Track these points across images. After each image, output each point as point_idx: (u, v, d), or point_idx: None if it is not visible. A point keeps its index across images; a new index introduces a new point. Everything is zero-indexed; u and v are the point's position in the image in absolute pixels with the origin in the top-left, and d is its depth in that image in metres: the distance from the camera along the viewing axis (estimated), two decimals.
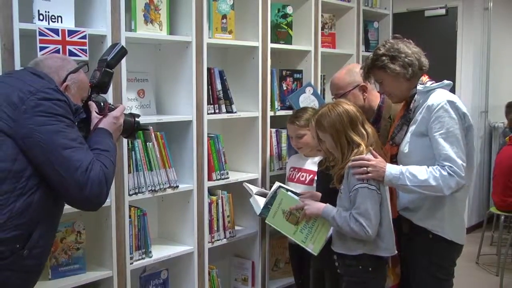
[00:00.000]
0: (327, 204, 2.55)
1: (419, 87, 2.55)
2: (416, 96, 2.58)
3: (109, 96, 2.64)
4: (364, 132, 2.53)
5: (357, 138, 2.50)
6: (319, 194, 2.80)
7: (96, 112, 2.10)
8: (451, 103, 2.42)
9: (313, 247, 2.58)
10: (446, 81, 2.55)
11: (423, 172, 2.40)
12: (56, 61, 2.06)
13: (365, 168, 2.43)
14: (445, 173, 2.37)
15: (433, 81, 2.58)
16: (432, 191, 2.40)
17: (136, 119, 2.29)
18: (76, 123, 1.95)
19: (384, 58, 2.57)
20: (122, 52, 2.23)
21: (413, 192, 2.47)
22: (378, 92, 2.94)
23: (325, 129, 2.54)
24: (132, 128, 2.27)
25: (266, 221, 2.68)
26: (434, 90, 2.51)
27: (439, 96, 2.46)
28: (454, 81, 6.20)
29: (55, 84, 1.94)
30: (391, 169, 2.44)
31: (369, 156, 2.47)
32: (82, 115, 2.01)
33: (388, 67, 2.56)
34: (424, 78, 2.60)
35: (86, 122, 2.06)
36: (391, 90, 2.65)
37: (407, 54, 2.55)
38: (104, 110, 2.12)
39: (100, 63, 2.21)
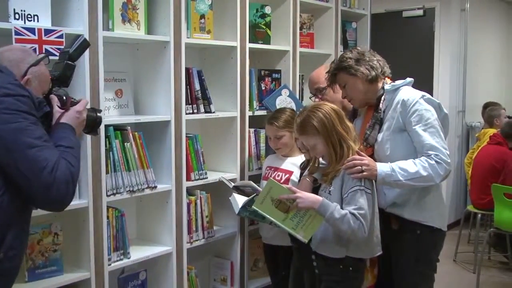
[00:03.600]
0: (323, 198, 2.44)
1: (387, 86, 2.66)
2: (384, 96, 2.66)
3: (87, 96, 2.62)
4: (350, 126, 2.54)
5: (345, 134, 2.49)
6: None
7: (58, 106, 2.02)
8: (425, 96, 2.56)
9: (304, 235, 2.47)
10: (408, 79, 2.68)
11: (412, 165, 2.46)
12: (16, 54, 1.97)
13: (360, 167, 2.42)
14: (432, 162, 2.44)
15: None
16: (424, 181, 2.45)
17: (98, 114, 2.20)
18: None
19: (349, 60, 2.68)
20: (85, 45, 2.15)
21: (405, 186, 2.51)
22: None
23: (315, 130, 2.48)
24: (94, 123, 2.18)
25: (253, 207, 2.55)
26: (401, 88, 2.63)
27: (411, 92, 2.60)
28: (431, 81, 6.30)
29: (15, 78, 1.85)
30: (382, 167, 2.46)
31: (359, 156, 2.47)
32: (45, 108, 1.94)
33: (352, 67, 2.66)
34: (388, 81, 2.71)
35: (47, 117, 1.97)
36: (354, 94, 2.73)
37: (371, 59, 2.69)
38: (66, 104, 2.04)
39: (62, 56, 2.13)
